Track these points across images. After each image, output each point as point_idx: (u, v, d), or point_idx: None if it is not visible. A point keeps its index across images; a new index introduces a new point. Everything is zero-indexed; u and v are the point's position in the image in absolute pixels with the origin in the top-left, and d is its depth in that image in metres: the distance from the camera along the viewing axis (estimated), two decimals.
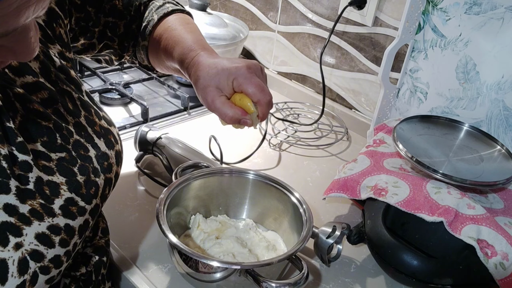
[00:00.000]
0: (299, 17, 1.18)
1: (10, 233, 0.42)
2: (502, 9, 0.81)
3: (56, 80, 0.51)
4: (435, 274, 0.65)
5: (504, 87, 0.85)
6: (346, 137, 1.09)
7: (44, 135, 0.47)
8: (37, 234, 0.44)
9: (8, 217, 0.42)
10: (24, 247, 0.43)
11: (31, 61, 0.48)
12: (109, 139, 0.55)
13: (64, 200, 0.47)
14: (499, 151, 0.83)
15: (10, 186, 0.43)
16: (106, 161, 0.54)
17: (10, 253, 0.42)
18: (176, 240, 0.58)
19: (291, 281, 0.56)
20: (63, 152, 0.49)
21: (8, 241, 0.42)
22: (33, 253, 0.44)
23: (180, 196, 0.69)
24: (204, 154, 0.85)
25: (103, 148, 0.54)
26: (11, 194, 0.43)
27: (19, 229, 0.43)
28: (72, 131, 0.50)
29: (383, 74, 0.94)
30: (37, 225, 0.44)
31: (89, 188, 0.50)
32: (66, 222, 0.47)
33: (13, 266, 0.42)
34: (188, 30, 0.69)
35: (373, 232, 0.70)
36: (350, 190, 0.77)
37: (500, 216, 0.71)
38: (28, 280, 0.43)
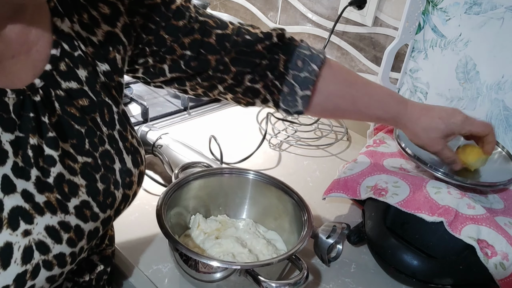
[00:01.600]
0: (299, 17, 1.18)
1: (21, 218, 0.43)
2: (502, 9, 0.81)
3: (99, 91, 0.52)
4: (435, 274, 0.65)
5: (504, 87, 0.85)
6: (346, 137, 1.09)
7: (74, 137, 0.49)
8: (47, 226, 0.45)
9: (24, 203, 0.43)
10: (32, 235, 0.44)
11: (80, 68, 0.50)
12: (136, 158, 0.56)
13: (80, 201, 0.48)
14: (500, 153, 0.83)
15: (31, 174, 0.44)
16: (129, 177, 0.54)
17: (18, 238, 0.42)
18: (176, 240, 0.58)
19: (291, 281, 0.56)
20: (89, 157, 0.50)
21: (19, 225, 0.43)
22: (39, 244, 0.44)
23: (180, 196, 0.69)
24: (204, 154, 0.85)
25: (129, 165, 0.54)
26: (30, 182, 0.44)
27: (31, 217, 0.44)
28: (105, 140, 0.52)
29: (383, 74, 0.94)
30: (49, 218, 0.45)
31: (106, 197, 0.51)
32: (77, 223, 0.48)
33: (18, 252, 0.43)
34: (369, 84, 0.71)
35: (373, 232, 0.70)
36: (350, 190, 0.77)
37: (500, 216, 0.71)
38: (29, 271, 0.44)
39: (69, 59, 0.49)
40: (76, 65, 0.50)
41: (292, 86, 0.66)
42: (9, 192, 0.42)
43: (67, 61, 0.49)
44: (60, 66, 0.48)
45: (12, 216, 0.42)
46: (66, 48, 0.49)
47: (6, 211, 0.42)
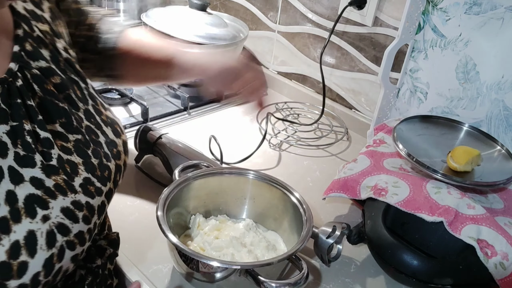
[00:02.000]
0: (299, 17, 1.18)
1: (37, 205, 0.44)
2: (502, 9, 0.81)
3: (64, 69, 0.53)
4: (435, 274, 0.65)
5: (504, 87, 0.85)
6: (346, 137, 1.09)
7: (62, 116, 0.49)
8: (62, 208, 0.46)
9: (35, 190, 0.44)
10: (51, 219, 0.44)
11: (42, 48, 0.51)
12: (116, 128, 0.58)
13: (82, 179, 0.49)
14: (499, 151, 0.83)
15: (36, 160, 0.45)
16: (115, 148, 0.56)
17: (39, 225, 0.43)
18: (176, 240, 0.58)
19: (291, 281, 0.56)
20: (79, 134, 0.51)
21: (36, 213, 0.43)
22: (59, 226, 0.45)
23: (180, 196, 0.69)
24: (204, 154, 0.85)
25: (111, 136, 0.56)
26: (37, 168, 0.45)
27: (46, 202, 0.44)
28: (82, 117, 0.52)
29: (383, 74, 0.94)
30: (62, 200, 0.46)
31: (102, 171, 0.52)
32: (87, 200, 0.49)
33: (42, 238, 0.43)
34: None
35: (373, 232, 0.70)
36: (350, 190, 0.77)
37: (500, 216, 0.71)
38: (55, 254, 0.45)
39: (31, 40, 0.50)
40: (39, 45, 0.50)
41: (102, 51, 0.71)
42: (18, 183, 0.43)
43: (30, 41, 0.49)
44: (26, 46, 0.49)
45: (27, 204, 0.43)
46: (26, 28, 0.50)
47: (21, 201, 0.43)
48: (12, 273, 0.41)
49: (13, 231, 0.41)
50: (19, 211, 0.42)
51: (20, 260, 0.42)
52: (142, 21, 1.13)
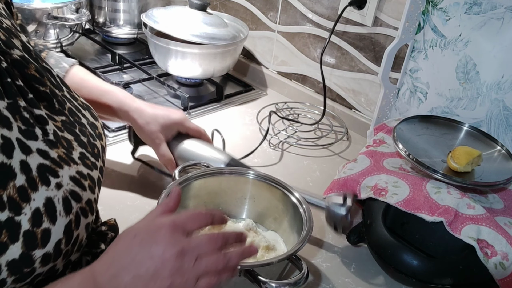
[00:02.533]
0: (299, 17, 1.18)
1: (49, 174, 0.45)
2: (502, 9, 0.81)
3: (36, 57, 0.54)
4: (435, 274, 0.65)
5: (504, 87, 0.85)
6: (346, 137, 1.09)
7: (44, 99, 0.50)
8: (70, 176, 0.47)
9: (44, 160, 0.45)
10: (64, 187, 0.46)
11: (13, 38, 0.52)
12: (92, 113, 0.59)
13: (79, 153, 0.51)
14: (499, 152, 0.83)
15: (37, 134, 0.46)
16: (96, 129, 0.57)
17: (54, 192, 0.45)
18: None
19: (291, 281, 0.56)
20: (63, 116, 0.52)
21: (49, 181, 0.45)
22: (72, 193, 0.47)
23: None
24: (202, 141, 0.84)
25: (91, 119, 0.57)
26: (39, 141, 0.46)
27: (55, 171, 0.46)
28: (64, 100, 0.54)
29: (383, 74, 0.94)
30: (68, 169, 0.47)
31: (92, 148, 0.54)
32: (87, 171, 0.50)
33: (59, 205, 0.45)
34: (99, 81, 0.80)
35: (373, 232, 0.70)
36: (350, 190, 0.77)
37: (500, 216, 0.71)
38: (73, 221, 0.46)
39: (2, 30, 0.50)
40: (10, 35, 0.51)
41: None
42: (28, 153, 0.44)
43: (2, 31, 0.50)
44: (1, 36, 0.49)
45: (40, 173, 0.44)
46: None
47: (34, 170, 0.44)
48: (37, 242, 0.42)
49: (33, 199, 0.43)
50: (34, 179, 0.43)
51: (43, 228, 0.43)
52: (142, 21, 1.13)
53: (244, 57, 1.35)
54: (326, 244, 0.77)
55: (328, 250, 0.75)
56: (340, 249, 0.76)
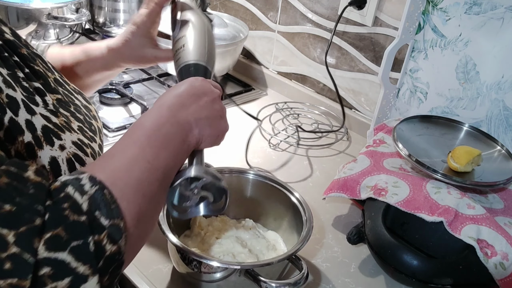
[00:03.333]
0: (299, 17, 1.18)
1: (53, 135, 0.45)
2: (502, 9, 0.82)
3: (26, 44, 0.54)
4: (435, 274, 0.65)
5: (504, 87, 0.85)
6: (346, 137, 1.09)
7: (40, 78, 0.51)
8: (72, 141, 0.48)
9: (47, 123, 0.46)
10: (67, 149, 0.46)
11: (1, 25, 0.52)
12: (85, 97, 0.59)
13: (76, 125, 0.51)
14: (499, 152, 0.83)
15: (37, 101, 0.46)
16: (90, 112, 0.58)
17: (58, 152, 0.45)
18: (176, 240, 0.58)
19: (291, 281, 0.56)
20: (58, 94, 0.52)
21: (53, 141, 0.45)
22: (75, 156, 0.47)
23: None
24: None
25: (84, 102, 0.58)
26: (40, 107, 0.46)
27: (58, 134, 0.46)
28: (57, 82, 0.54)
29: (383, 74, 0.94)
30: (69, 135, 0.48)
31: (89, 125, 0.54)
32: (87, 141, 0.51)
33: (64, 165, 0.45)
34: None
35: (373, 232, 0.70)
36: (350, 190, 0.77)
37: (500, 216, 0.71)
38: None
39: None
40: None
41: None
42: (33, 113, 0.44)
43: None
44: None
45: (45, 134, 0.45)
46: None
47: (39, 130, 0.44)
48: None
49: (39, 157, 0.43)
50: (39, 138, 0.44)
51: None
52: None
53: (244, 57, 1.35)
54: (326, 244, 0.77)
55: (328, 250, 0.75)
56: (340, 249, 0.76)
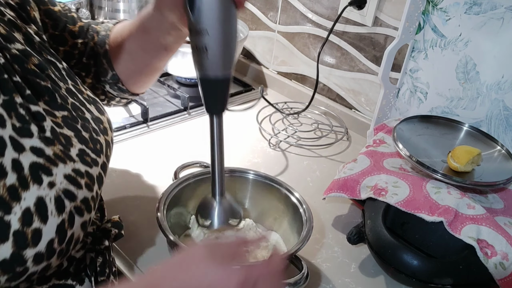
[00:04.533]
0: (299, 17, 1.18)
1: (42, 172, 0.44)
2: (502, 9, 0.81)
3: (40, 50, 0.53)
4: (435, 274, 0.65)
5: (504, 87, 0.85)
6: (346, 137, 1.09)
7: (45, 94, 0.50)
8: (65, 174, 0.47)
9: (37, 158, 0.45)
10: (57, 185, 0.45)
11: (15, 31, 0.51)
12: (99, 107, 0.58)
13: (78, 150, 0.50)
14: (499, 152, 0.83)
15: (32, 131, 0.45)
16: (101, 124, 0.57)
17: (46, 191, 0.44)
18: (176, 240, 0.58)
19: (291, 281, 0.56)
20: (65, 111, 0.51)
21: (42, 179, 0.44)
22: (66, 192, 0.46)
23: (180, 196, 0.69)
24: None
25: (96, 113, 0.57)
26: (34, 138, 0.45)
27: (49, 169, 0.45)
28: (66, 95, 0.53)
29: (383, 74, 0.94)
30: (63, 167, 0.47)
31: (94, 144, 0.53)
32: (86, 168, 0.50)
33: (51, 204, 0.44)
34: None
35: (373, 232, 0.70)
36: (350, 190, 0.77)
37: (500, 216, 0.71)
38: (66, 220, 0.45)
39: (3, 24, 0.50)
40: (11, 28, 0.50)
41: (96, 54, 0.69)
42: (21, 151, 0.43)
43: (2, 25, 0.49)
44: (0, 30, 0.49)
45: (33, 172, 0.44)
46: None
47: (26, 169, 0.43)
48: (27, 242, 0.42)
49: (23, 198, 0.42)
50: (26, 178, 0.43)
51: (34, 227, 0.42)
52: None
53: (244, 57, 1.35)
54: (326, 244, 0.77)
55: (328, 250, 0.75)
56: (340, 249, 0.76)
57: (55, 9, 0.64)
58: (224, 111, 0.56)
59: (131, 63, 0.69)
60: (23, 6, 0.56)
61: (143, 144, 0.97)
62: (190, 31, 0.51)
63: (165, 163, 0.89)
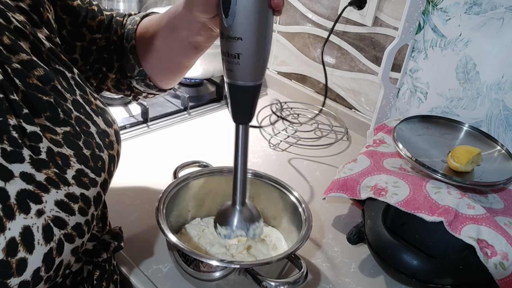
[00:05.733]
0: (299, 17, 1.18)
1: (30, 200, 0.43)
2: (502, 9, 0.81)
3: (48, 60, 0.52)
4: (435, 274, 0.65)
5: (504, 87, 0.85)
6: (346, 137, 1.09)
7: (46, 110, 0.48)
8: (56, 201, 0.45)
9: (26, 185, 0.43)
10: (46, 213, 0.43)
11: (21, 40, 0.49)
12: (107, 118, 0.56)
13: (75, 171, 0.48)
14: (499, 152, 0.83)
15: (24, 155, 0.43)
16: (107, 138, 0.54)
17: (33, 220, 0.42)
18: (176, 240, 0.58)
19: (290, 280, 0.56)
20: (67, 126, 0.49)
21: (30, 208, 0.42)
22: (55, 220, 0.44)
23: (179, 195, 0.69)
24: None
25: (103, 126, 0.54)
26: (25, 163, 0.43)
27: (38, 196, 0.43)
28: (71, 108, 0.51)
29: (383, 74, 0.94)
30: (55, 193, 0.45)
31: (96, 162, 0.51)
32: (81, 191, 0.48)
33: (38, 233, 0.42)
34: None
35: (373, 232, 0.70)
36: (350, 190, 0.77)
37: (500, 216, 0.71)
38: (54, 248, 0.44)
39: (8, 32, 0.48)
40: (17, 37, 0.49)
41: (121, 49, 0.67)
42: (8, 179, 0.42)
43: (7, 34, 0.48)
44: (4, 40, 0.47)
45: (20, 200, 0.42)
46: (1, 21, 0.48)
47: (13, 197, 0.42)
48: (12, 271, 0.41)
49: (8, 228, 0.41)
50: (11, 207, 0.41)
51: (19, 257, 0.41)
52: None
53: None
54: (326, 244, 0.77)
55: (328, 250, 0.75)
56: (340, 249, 0.76)
57: (74, 3, 0.62)
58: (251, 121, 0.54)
59: (159, 60, 0.67)
60: (36, 8, 0.54)
61: (143, 144, 0.97)
62: (222, 34, 0.49)
63: (165, 163, 0.89)
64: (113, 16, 0.68)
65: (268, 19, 0.48)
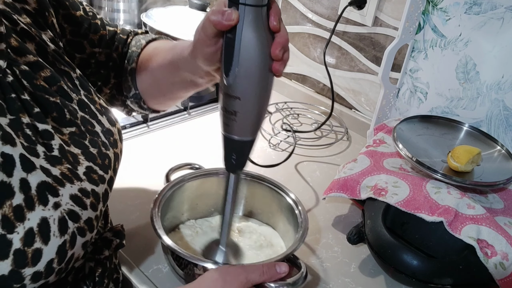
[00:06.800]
0: (299, 17, 1.18)
1: (48, 193, 0.44)
2: (502, 9, 0.81)
3: (53, 60, 0.53)
4: (435, 274, 0.65)
5: (504, 87, 0.85)
6: (346, 137, 1.09)
7: (53, 111, 0.49)
8: (71, 195, 0.46)
9: (46, 177, 0.44)
10: (62, 206, 0.45)
11: (27, 42, 0.50)
12: (110, 117, 0.57)
13: (85, 167, 0.50)
14: (499, 152, 0.83)
15: (38, 151, 0.45)
16: (112, 136, 0.56)
17: (51, 212, 0.44)
18: (171, 243, 0.58)
19: (290, 280, 0.56)
20: (73, 126, 0.51)
21: (48, 200, 0.44)
22: (70, 213, 0.46)
23: (174, 197, 0.69)
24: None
25: (107, 125, 0.56)
26: (41, 158, 0.45)
27: (56, 189, 0.45)
28: (76, 108, 0.52)
29: (383, 74, 0.94)
30: (70, 187, 0.46)
31: (103, 160, 0.52)
32: (92, 187, 0.49)
33: (54, 225, 0.44)
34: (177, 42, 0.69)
35: (373, 232, 0.70)
36: (350, 190, 0.77)
37: (500, 216, 0.71)
38: (68, 241, 0.45)
39: (15, 35, 0.49)
40: (23, 39, 0.50)
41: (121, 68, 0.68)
42: (31, 170, 0.43)
43: (14, 36, 0.49)
44: (12, 43, 0.48)
45: (40, 192, 0.43)
46: (8, 24, 0.49)
47: (34, 189, 0.43)
48: (27, 261, 0.42)
49: (27, 219, 0.42)
50: (32, 198, 0.43)
51: (35, 247, 0.42)
52: (142, 21, 1.13)
53: None
54: (326, 244, 0.77)
55: (328, 250, 0.75)
56: (340, 249, 0.76)
57: (77, 13, 0.62)
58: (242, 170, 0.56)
59: (157, 90, 0.69)
60: (41, 12, 0.55)
61: (143, 144, 0.97)
62: (221, 89, 0.49)
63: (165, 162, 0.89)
64: (116, 33, 0.69)
65: (268, 82, 0.49)
